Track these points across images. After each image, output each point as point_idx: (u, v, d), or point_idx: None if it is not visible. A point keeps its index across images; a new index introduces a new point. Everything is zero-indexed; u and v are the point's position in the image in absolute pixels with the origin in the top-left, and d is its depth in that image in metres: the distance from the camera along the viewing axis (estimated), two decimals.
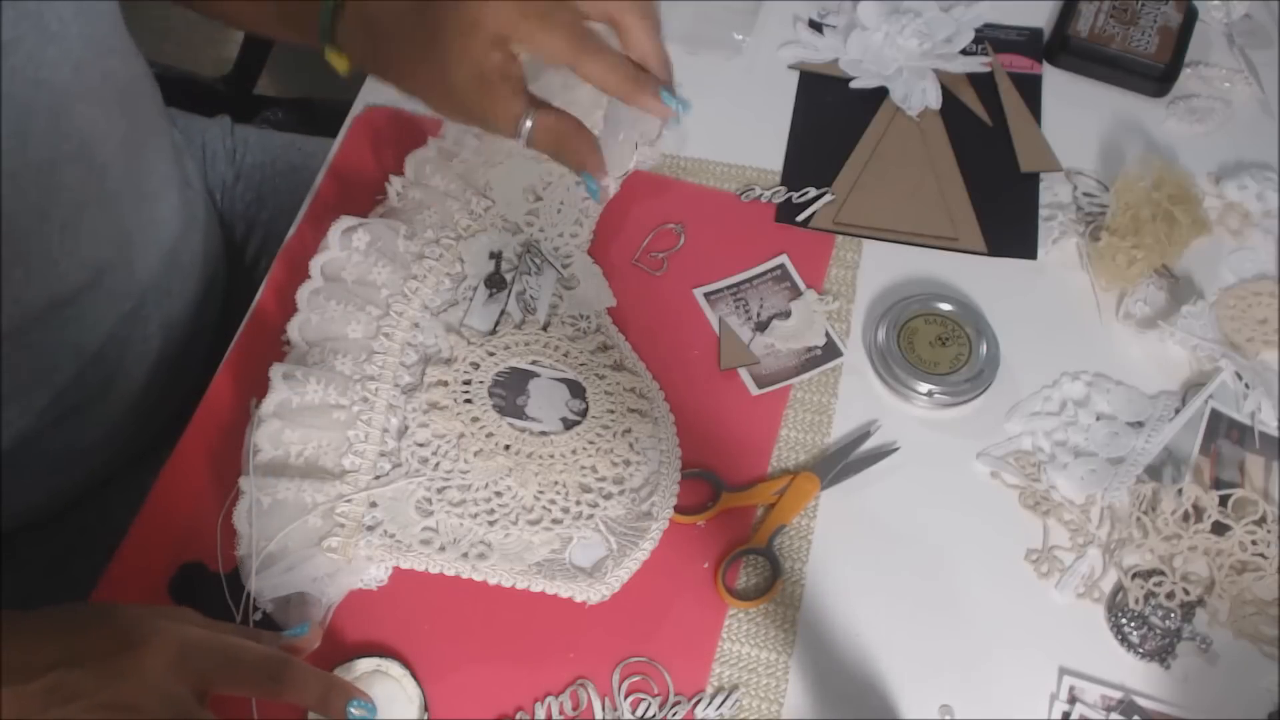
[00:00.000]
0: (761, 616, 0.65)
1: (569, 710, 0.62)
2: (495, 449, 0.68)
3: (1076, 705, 0.62)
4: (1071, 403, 0.71)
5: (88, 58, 0.66)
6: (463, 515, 0.66)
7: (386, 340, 0.71)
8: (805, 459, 0.70)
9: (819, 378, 0.72)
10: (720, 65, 0.87)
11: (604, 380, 0.71)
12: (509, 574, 0.65)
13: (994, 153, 0.82)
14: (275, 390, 0.67)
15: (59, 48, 0.63)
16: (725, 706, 0.62)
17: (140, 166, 0.75)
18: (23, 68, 0.61)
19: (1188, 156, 0.81)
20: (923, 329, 0.72)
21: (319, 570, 0.63)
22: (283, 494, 0.65)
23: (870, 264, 0.77)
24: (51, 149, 0.65)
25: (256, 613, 0.63)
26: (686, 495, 0.67)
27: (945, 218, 0.79)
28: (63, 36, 0.63)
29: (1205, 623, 0.64)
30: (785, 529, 0.67)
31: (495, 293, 0.74)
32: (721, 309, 0.75)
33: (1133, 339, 0.74)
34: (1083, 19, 0.85)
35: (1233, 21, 0.88)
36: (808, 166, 0.81)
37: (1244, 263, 0.77)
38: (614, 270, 0.76)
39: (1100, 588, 0.65)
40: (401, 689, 0.61)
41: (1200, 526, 0.66)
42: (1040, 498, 0.68)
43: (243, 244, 0.94)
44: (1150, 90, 0.84)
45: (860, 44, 0.86)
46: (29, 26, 0.61)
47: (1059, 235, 0.77)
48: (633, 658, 0.63)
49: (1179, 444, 0.69)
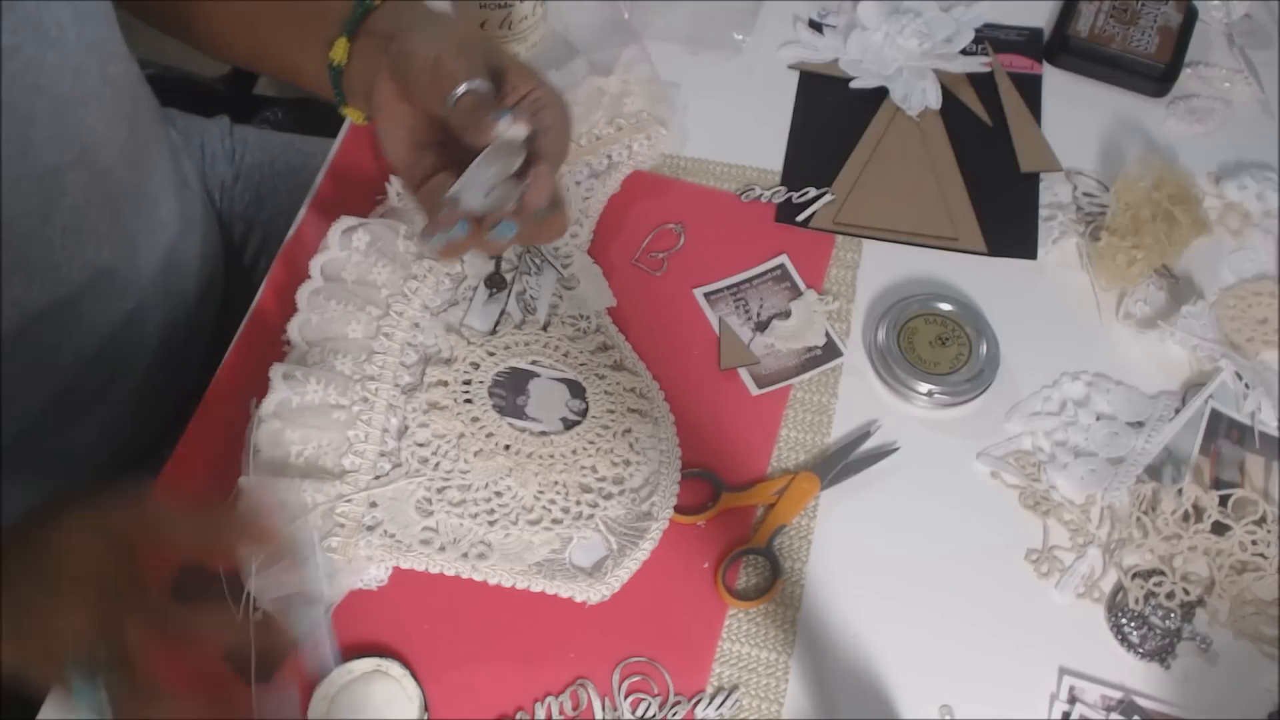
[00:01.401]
0: (761, 616, 0.65)
1: (569, 710, 0.62)
2: (495, 449, 0.68)
3: (1076, 705, 0.62)
4: (1071, 403, 0.71)
5: (87, 63, 0.65)
6: (463, 515, 0.66)
7: (386, 340, 0.71)
8: (805, 459, 0.70)
9: (819, 378, 0.72)
10: (720, 65, 0.87)
11: (604, 380, 0.71)
12: (509, 574, 0.65)
13: (994, 153, 0.82)
14: (275, 390, 0.67)
15: (58, 53, 0.63)
16: (725, 706, 0.62)
17: (140, 170, 0.75)
18: (22, 74, 0.61)
19: (1188, 156, 0.81)
20: (923, 329, 0.72)
21: None
22: (283, 494, 0.65)
23: (870, 264, 0.77)
24: (53, 156, 0.65)
25: (256, 613, 0.62)
26: (686, 495, 0.67)
27: (945, 218, 0.79)
28: (62, 42, 0.63)
29: (1205, 623, 0.64)
30: (785, 529, 0.67)
31: (495, 293, 0.74)
32: (721, 309, 0.75)
33: (1133, 339, 0.74)
34: (1083, 19, 0.85)
35: (1233, 21, 0.88)
36: (808, 166, 0.81)
37: (1244, 263, 0.77)
38: (614, 270, 0.76)
39: (1100, 588, 0.65)
40: (401, 689, 0.61)
41: (1200, 526, 0.66)
42: (1040, 498, 0.68)
43: (242, 244, 0.94)
44: (1150, 90, 0.84)
45: (860, 44, 0.86)
46: (28, 32, 0.61)
47: (1059, 235, 0.77)
48: (633, 658, 0.63)
49: (1179, 444, 0.69)
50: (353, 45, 0.66)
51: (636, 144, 0.80)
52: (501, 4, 0.80)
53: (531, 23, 0.83)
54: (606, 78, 0.81)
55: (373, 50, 0.65)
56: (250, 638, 0.53)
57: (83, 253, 0.70)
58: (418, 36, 0.62)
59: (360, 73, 0.66)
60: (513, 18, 0.81)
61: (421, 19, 0.66)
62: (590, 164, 0.80)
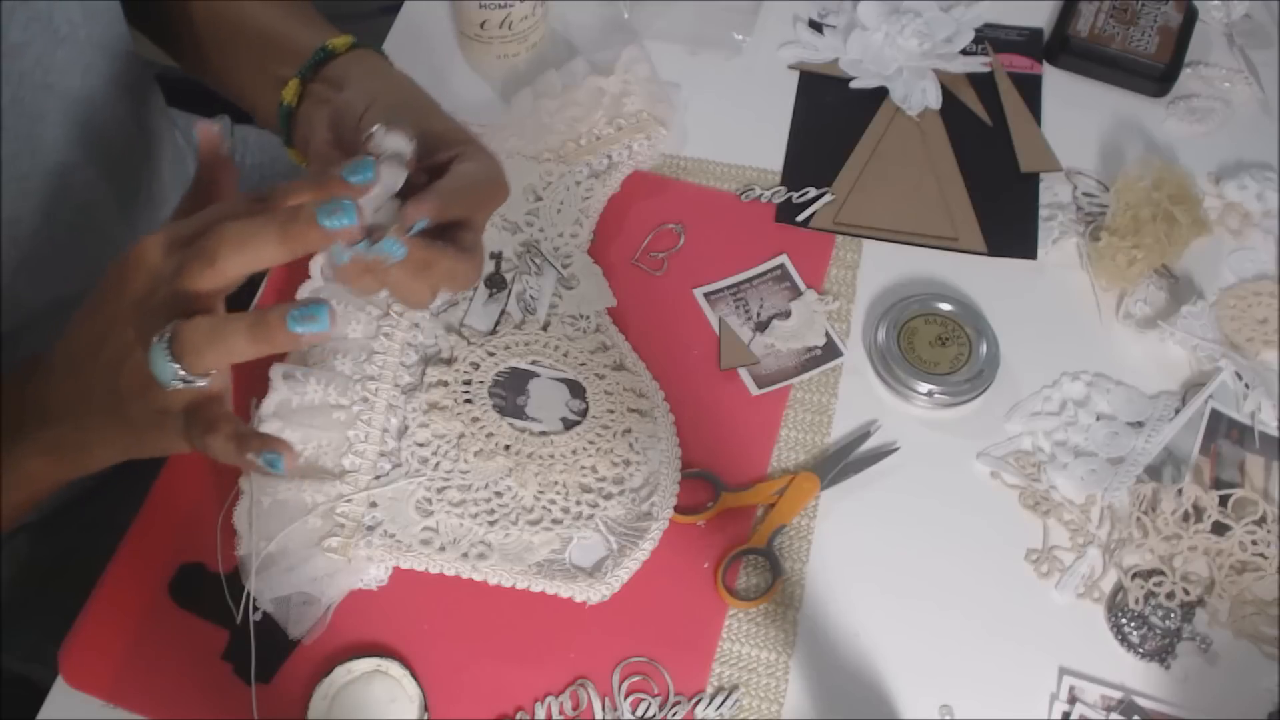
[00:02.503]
0: (761, 616, 0.65)
1: (569, 710, 0.62)
2: (495, 449, 0.68)
3: (1076, 705, 0.62)
4: (1071, 403, 0.71)
5: (96, 61, 0.65)
6: (463, 515, 0.66)
7: (386, 340, 0.71)
8: (805, 459, 0.70)
9: (819, 378, 0.72)
10: (720, 65, 0.87)
11: (604, 380, 0.71)
12: (509, 574, 0.65)
13: (994, 153, 0.82)
14: (275, 390, 0.67)
15: (68, 51, 0.63)
16: (725, 706, 0.62)
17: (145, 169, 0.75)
18: (31, 72, 0.61)
19: (1188, 156, 0.81)
20: (923, 329, 0.72)
21: (319, 570, 0.63)
22: (283, 494, 0.65)
23: (870, 264, 0.77)
24: (60, 153, 0.65)
25: (257, 613, 0.63)
26: (686, 495, 0.67)
27: (945, 218, 0.79)
28: (72, 39, 0.63)
29: (1205, 623, 0.64)
30: (785, 529, 0.67)
31: (495, 293, 0.74)
32: (721, 309, 0.75)
33: (1133, 339, 0.74)
34: (1083, 19, 0.85)
35: (1233, 21, 0.88)
36: (808, 166, 0.81)
37: (1244, 263, 0.77)
38: (614, 270, 0.76)
39: (1100, 588, 0.65)
40: (401, 689, 0.61)
41: (1200, 526, 0.66)
42: (1040, 498, 0.68)
43: None
44: (1150, 90, 0.84)
45: (860, 44, 0.86)
46: (38, 30, 0.61)
47: (1059, 235, 0.77)
48: (633, 658, 0.63)
49: (1179, 444, 0.69)
50: (306, 89, 0.64)
51: (636, 144, 0.80)
52: (501, 4, 0.80)
53: (531, 23, 0.83)
54: (606, 78, 0.81)
55: (322, 97, 0.63)
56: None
57: (86, 251, 0.70)
58: (358, 89, 0.61)
59: (305, 117, 0.64)
60: (513, 18, 0.81)
61: (370, 73, 0.64)
62: (590, 164, 0.80)
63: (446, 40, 0.87)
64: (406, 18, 0.89)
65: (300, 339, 0.46)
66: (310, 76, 0.64)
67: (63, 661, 0.63)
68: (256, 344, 0.47)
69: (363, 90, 0.61)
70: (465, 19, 0.82)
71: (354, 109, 0.59)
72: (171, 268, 0.48)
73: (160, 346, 0.47)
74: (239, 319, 0.47)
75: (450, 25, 0.87)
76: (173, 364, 0.47)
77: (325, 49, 0.64)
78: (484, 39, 0.83)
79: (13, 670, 0.83)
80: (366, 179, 0.50)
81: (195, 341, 0.47)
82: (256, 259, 0.47)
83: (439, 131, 0.58)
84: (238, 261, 0.47)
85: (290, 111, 0.64)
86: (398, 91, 0.62)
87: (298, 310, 0.46)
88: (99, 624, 0.64)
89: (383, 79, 0.63)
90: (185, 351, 0.47)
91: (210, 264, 0.47)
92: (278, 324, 0.46)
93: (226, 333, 0.47)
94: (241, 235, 0.47)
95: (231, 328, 0.47)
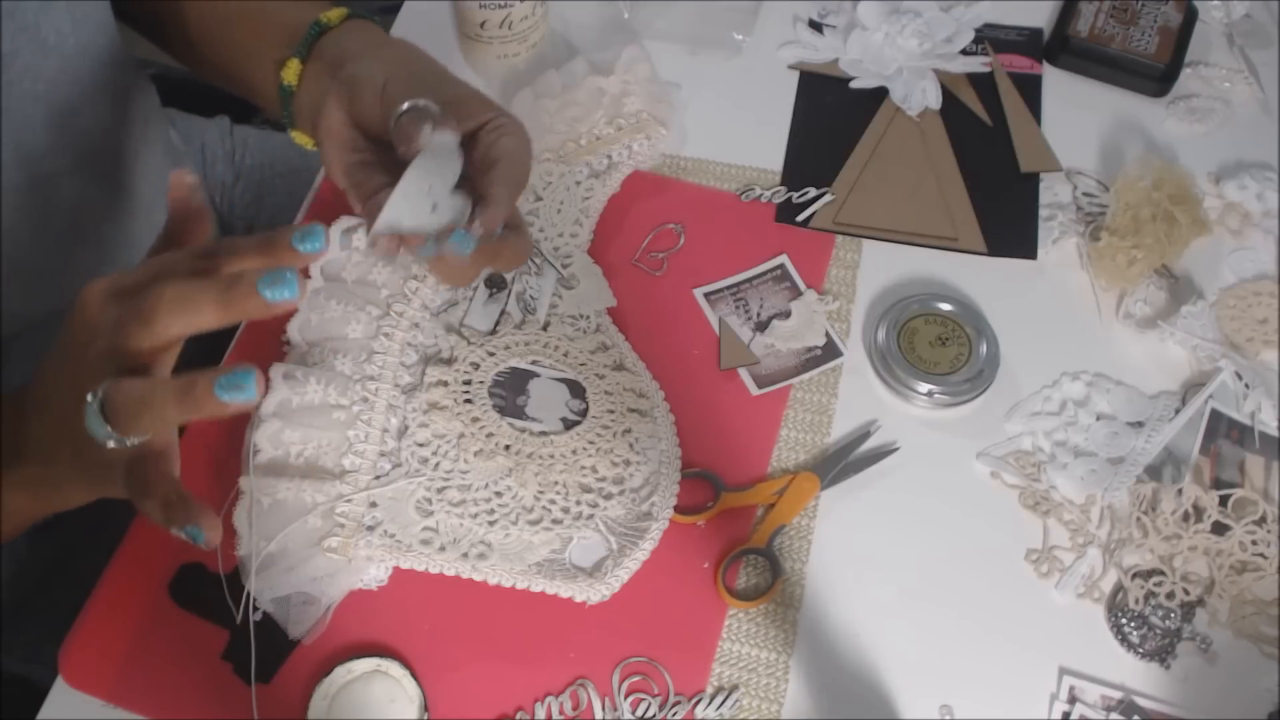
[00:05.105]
0: (761, 616, 0.65)
1: (569, 710, 0.62)
2: (495, 449, 0.68)
3: (1076, 705, 0.62)
4: (1071, 403, 0.71)
5: (85, 69, 0.65)
6: (463, 515, 0.66)
7: (386, 340, 0.71)
8: (805, 459, 0.70)
9: (819, 378, 0.72)
10: (720, 65, 0.87)
11: (604, 380, 0.71)
12: (509, 574, 0.65)
13: (994, 153, 0.82)
14: (275, 390, 0.67)
15: (57, 60, 0.63)
16: (725, 706, 0.62)
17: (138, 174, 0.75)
18: (19, 81, 0.61)
19: (1188, 156, 0.81)
20: (923, 329, 0.72)
21: (319, 570, 0.63)
22: (283, 494, 0.65)
23: (870, 264, 0.77)
24: (51, 163, 0.65)
25: (256, 613, 0.63)
26: (686, 495, 0.67)
27: (945, 218, 0.79)
28: (60, 49, 0.62)
29: (1205, 623, 0.64)
30: (785, 529, 0.67)
31: (495, 293, 0.74)
32: (721, 309, 0.75)
33: (1133, 339, 0.74)
34: (1083, 19, 0.85)
35: (1233, 21, 0.88)
36: (808, 166, 0.81)
37: (1244, 263, 0.77)
38: (614, 270, 0.76)
39: (1100, 588, 0.65)
40: (401, 689, 0.61)
41: (1200, 526, 0.66)
42: (1040, 498, 0.68)
43: None
44: (1150, 90, 0.84)
45: (860, 44, 0.86)
46: (26, 40, 0.60)
47: (1059, 235, 0.77)
48: (633, 658, 0.63)
49: (1179, 444, 0.69)
50: (305, 68, 0.63)
51: (636, 144, 0.80)
52: (501, 4, 0.80)
53: (531, 23, 0.83)
54: (606, 78, 0.81)
55: (322, 75, 0.62)
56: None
57: (81, 258, 0.70)
58: (367, 63, 0.60)
59: (309, 97, 0.63)
60: (513, 18, 0.81)
61: (372, 45, 0.63)
62: (590, 164, 0.80)
63: (446, 40, 0.87)
64: (406, 18, 0.89)
65: (228, 408, 0.45)
66: (307, 54, 0.63)
67: (63, 661, 0.63)
68: (185, 412, 0.45)
69: (375, 64, 0.60)
70: (465, 19, 0.82)
71: (372, 83, 0.58)
72: (109, 321, 0.47)
73: (93, 406, 0.46)
74: (168, 386, 0.45)
75: (450, 25, 0.87)
76: (105, 425, 0.46)
77: (319, 23, 0.63)
78: (484, 39, 0.83)
79: (13, 670, 0.83)
80: (316, 249, 0.49)
81: (125, 406, 0.45)
82: (194, 323, 0.46)
83: (457, 98, 0.58)
84: (174, 324, 0.46)
85: (292, 92, 0.64)
86: (410, 62, 0.61)
87: (224, 378, 0.44)
88: (99, 624, 0.64)
89: (390, 49, 0.63)
90: (115, 414, 0.46)
91: (146, 325, 0.46)
92: (205, 393, 0.44)
93: (155, 400, 0.45)
94: (180, 298, 0.46)
95: (160, 395, 0.45)
